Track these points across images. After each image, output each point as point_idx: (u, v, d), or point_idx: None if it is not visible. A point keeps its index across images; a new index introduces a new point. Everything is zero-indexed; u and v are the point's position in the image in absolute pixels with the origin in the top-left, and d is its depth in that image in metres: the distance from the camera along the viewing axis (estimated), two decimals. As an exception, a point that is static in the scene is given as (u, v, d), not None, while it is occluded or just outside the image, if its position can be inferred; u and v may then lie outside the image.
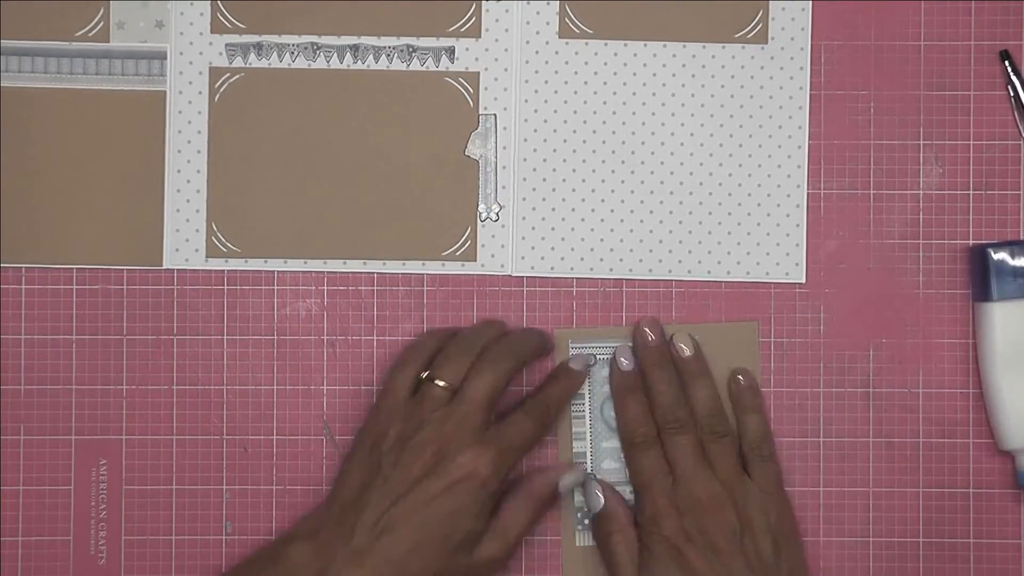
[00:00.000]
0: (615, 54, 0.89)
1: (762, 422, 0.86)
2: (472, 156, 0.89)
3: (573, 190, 0.89)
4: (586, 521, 0.87)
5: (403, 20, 0.88)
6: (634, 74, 0.89)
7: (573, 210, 0.89)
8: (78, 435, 0.88)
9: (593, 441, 0.88)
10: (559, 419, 0.87)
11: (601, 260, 0.89)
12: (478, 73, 0.89)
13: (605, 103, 0.89)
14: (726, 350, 0.88)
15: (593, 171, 0.89)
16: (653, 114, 0.89)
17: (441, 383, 0.82)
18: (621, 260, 0.89)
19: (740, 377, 0.86)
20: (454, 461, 0.80)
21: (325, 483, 0.88)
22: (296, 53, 0.89)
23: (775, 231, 0.89)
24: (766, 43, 0.89)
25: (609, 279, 0.89)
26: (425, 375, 0.83)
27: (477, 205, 0.89)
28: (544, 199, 0.89)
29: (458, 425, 0.80)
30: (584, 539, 0.88)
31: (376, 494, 0.80)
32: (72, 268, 0.88)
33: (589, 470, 0.87)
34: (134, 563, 0.88)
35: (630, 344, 0.87)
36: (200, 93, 0.88)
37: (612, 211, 0.89)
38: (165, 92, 0.88)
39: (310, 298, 0.89)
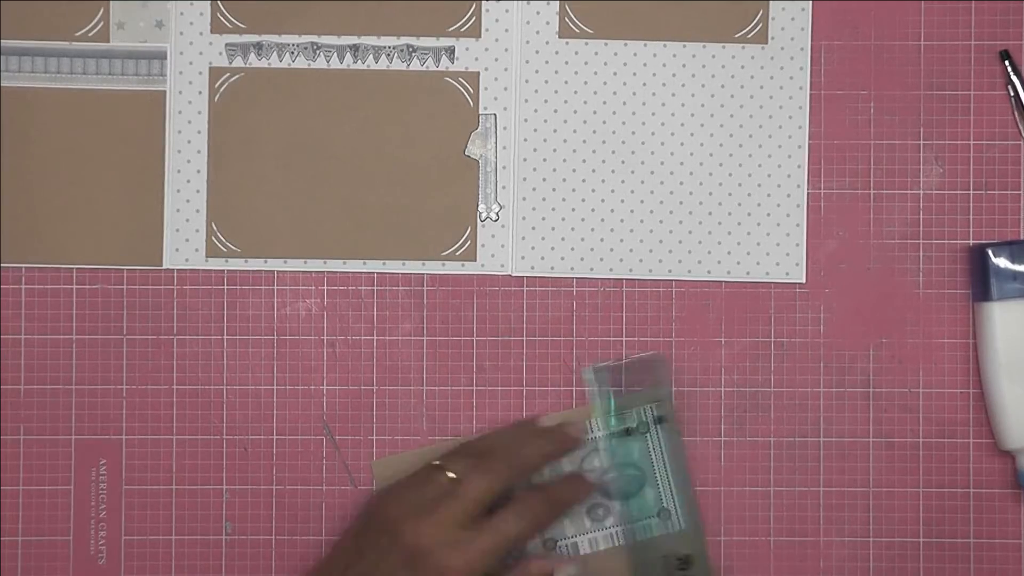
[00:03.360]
0: (615, 54, 0.89)
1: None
2: (472, 156, 0.89)
3: (573, 190, 0.89)
4: None
5: (403, 20, 0.89)
6: (634, 74, 0.89)
7: (573, 210, 0.89)
8: (78, 435, 0.88)
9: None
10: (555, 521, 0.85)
11: (601, 260, 0.89)
12: (478, 73, 0.89)
13: (605, 103, 0.89)
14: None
15: (593, 171, 0.89)
16: (653, 114, 0.89)
17: (450, 474, 0.81)
18: (621, 260, 0.89)
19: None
20: (433, 559, 0.78)
21: (325, 483, 0.88)
22: (296, 53, 0.89)
23: (775, 231, 0.89)
24: (766, 43, 0.89)
25: (609, 279, 0.89)
26: (437, 462, 0.82)
27: (477, 205, 0.89)
28: (544, 199, 0.89)
29: (443, 520, 0.79)
30: None
31: (357, 573, 0.80)
32: (72, 268, 0.88)
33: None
34: (134, 563, 0.88)
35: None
36: (200, 93, 0.88)
37: (612, 211, 0.89)
38: (165, 92, 0.88)
39: (310, 298, 0.89)
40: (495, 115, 0.89)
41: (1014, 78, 0.88)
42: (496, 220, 0.89)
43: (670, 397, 0.87)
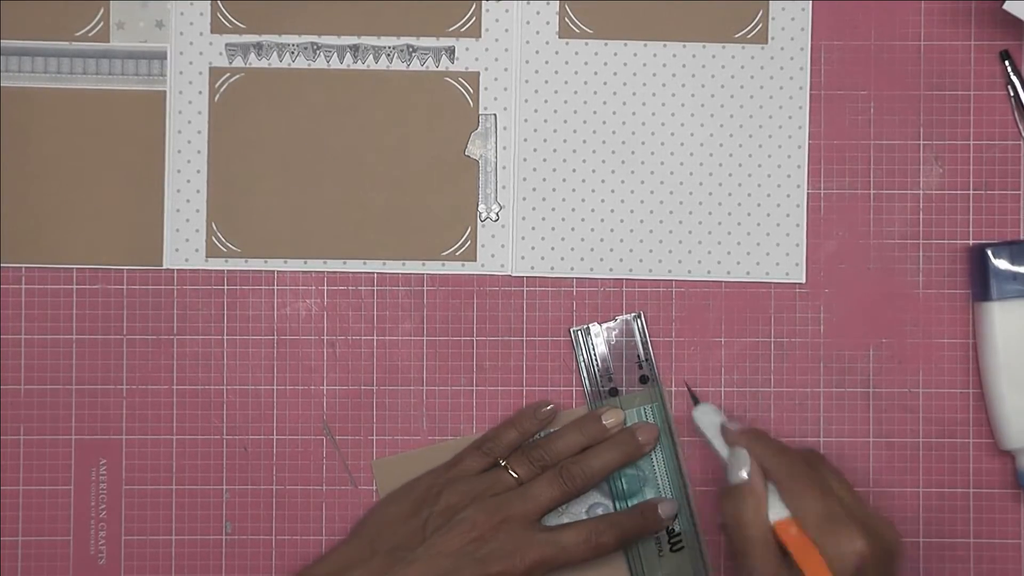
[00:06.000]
0: (615, 54, 0.89)
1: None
2: (472, 156, 0.89)
3: (573, 190, 0.89)
4: None
5: (403, 20, 0.89)
6: (634, 74, 0.89)
7: (573, 210, 0.89)
8: (78, 435, 0.88)
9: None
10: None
11: (601, 260, 0.89)
12: (478, 73, 0.89)
13: (605, 103, 0.89)
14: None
15: (593, 171, 0.89)
16: (653, 114, 0.89)
17: (514, 475, 0.84)
18: (621, 260, 0.89)
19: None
20: (495, 553, 0.81)
21: (325, 483, 0.88)
22: (296, 53, 0.89)
23: (775, 231, 0.89)
24: (766, 43, 0.89)
25: (609, 279, 0.89)
26: (503, 463, 0.84)
27: (477, 205, 0.89)
28: (544, 199, 0.89)
29: (510, 519, 0.82)
30: None
31: (411, 554, 0.80)
32: (72, 268, 0.88)
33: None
34: (134, 563, 0.88)
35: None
36: (200, 93, 0.88)
37: (612, 211, 0.89)
38: (165, 92, 0.88)
39: (310, 298, 0.89)
40: (495, 115, 0.89)
41: (1014, 78, 0.88)
42: (496, 220, 0.89)
43: (651, 356, 0.88)
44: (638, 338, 0.88)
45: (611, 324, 0.88)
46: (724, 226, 0.89)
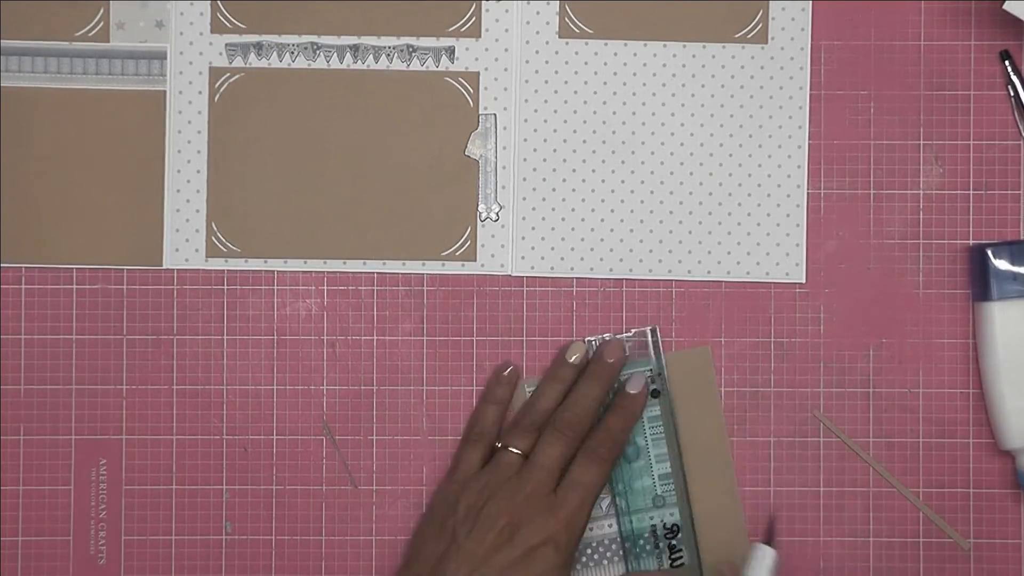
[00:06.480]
0: (615, 54, 0.89)
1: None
2: (472, 156, 0.89)
3: (573, 190, 0.89)
4: None
5: (403, 20, 0.89)
6: (634, 74, 0.89)
7: (573, 210, 0.89)
8: (78, 435, 0.88)
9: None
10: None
11: (601, 260, 0.89)
12: (478, 73, 0.89)
13: (605, 103, 0.89)
14: (683, 378, 0.87)
15: (593, 171, 0.89)
16: (653, 114, 0.89)
17: (515, 451, 0.84)
18: (621, 260, 0.89)
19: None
20: (529, 529, 0.81)
21: (325, 483, 0.88)
22: (296, 53, 0.89)
23: (775, 231, 0.89)
24: (766, 43, 0.89)
25: (609, 279, 0.89)
26: (500, 444, 0.84)
27: (477, 205, 0.89)
28: (544, 199, 0.89)
29: (530, 494, 0.82)
30: None
31: (453, 563, 0.81)
32: (72, 268, 0.88)
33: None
34: (134, 563, 0.88)
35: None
36: (200, 93, 0.88)
37: (612, 211, 0.89)
38: (165, 92, 0.88)
39: (310, 298, 0.89)
40: (495, 115, 0.89)
41: (1014, 78, 0.88)
42: (496, 220, 0.89)
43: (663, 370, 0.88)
44: (651, 351, 0.88)
45: (626, 335, 0.88)
46: (724, 226, 0.89)
